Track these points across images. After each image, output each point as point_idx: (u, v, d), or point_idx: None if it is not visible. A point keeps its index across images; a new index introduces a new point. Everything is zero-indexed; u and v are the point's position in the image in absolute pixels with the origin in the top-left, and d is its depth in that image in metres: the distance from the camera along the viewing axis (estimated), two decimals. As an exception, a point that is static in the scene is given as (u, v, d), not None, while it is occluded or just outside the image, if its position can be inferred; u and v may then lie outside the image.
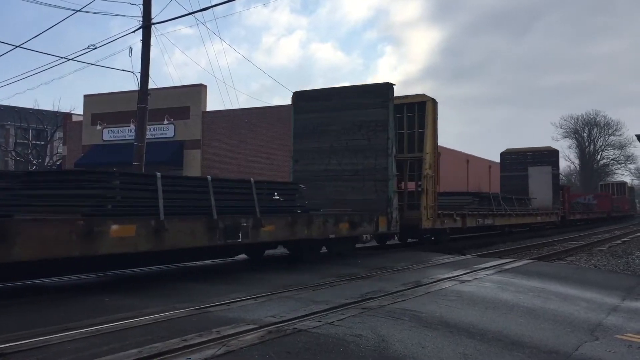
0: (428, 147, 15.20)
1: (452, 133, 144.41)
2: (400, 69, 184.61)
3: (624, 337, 5.96)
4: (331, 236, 11.26)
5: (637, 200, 79.96)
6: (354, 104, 13.81)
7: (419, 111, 15.57)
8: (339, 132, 13.88)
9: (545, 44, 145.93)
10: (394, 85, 13.49)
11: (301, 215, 10.59)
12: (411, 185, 15.78)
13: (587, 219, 41.02)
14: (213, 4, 17.11)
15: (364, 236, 13.46)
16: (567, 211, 32.33)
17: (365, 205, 12.95)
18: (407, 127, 15.76)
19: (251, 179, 9.82)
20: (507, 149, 31.01)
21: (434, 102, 15.54)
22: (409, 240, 17.17)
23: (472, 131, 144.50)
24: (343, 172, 13.73)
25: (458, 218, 17.18)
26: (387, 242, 16.54)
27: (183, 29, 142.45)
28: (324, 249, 12.37)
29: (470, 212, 18.20)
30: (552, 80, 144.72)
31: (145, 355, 4.44)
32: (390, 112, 13.33)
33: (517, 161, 30.09)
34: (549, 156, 29.62)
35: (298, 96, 14.85)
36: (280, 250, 12.27)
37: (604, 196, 51.34)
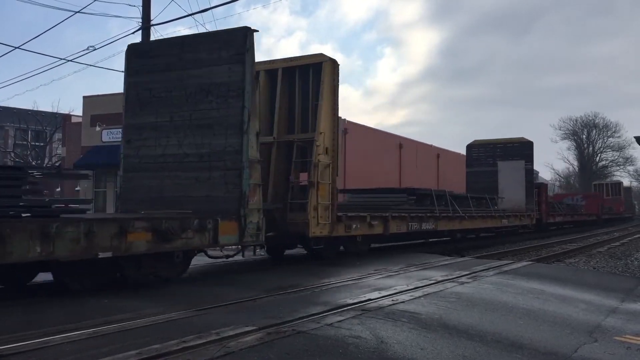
0: (322, 124, 11.46)
1: (451, 134, 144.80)
2: (400, 70, 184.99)
3: (623, 339, 5.97)
4: (103, 255, 7.17)
5: (635, 202, 79.97)
6: (201, 59, 9.94)
7: (315, 77, 11.99)
8: (181, 100, 10.00)
9: (544, 45, 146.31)
10: (256, 31, 9.87)
11: (25, 222, 6.58)
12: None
13: (571, 221, 36.61)
14: (212, 5, 17.09)
15: (220, 248, 9.53)
16: (544, 213, 28.06)
17: (211, 205, 9.34)
18: (300, 98, 12.34)
19: None
20: (475, 141, 26.79)
21: (333, 65, 11.83)
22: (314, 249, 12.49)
23: (472, 132, 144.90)
24: (185, 157, 9.84)
25: (376, 222, 13.11)
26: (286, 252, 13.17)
27: (183, 30, 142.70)
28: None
29: (396, 215, 14.08)
30: (552, 81, 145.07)
31: (144, 356, 4.45)
32: (248, 70, 9.41)
33: (486, 155, 25.81)
34: (521, 149, 25.12)
35: (132, 51, 10.69)
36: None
37: (594, 196, 47.34)
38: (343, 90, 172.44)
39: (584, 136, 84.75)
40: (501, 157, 25.21)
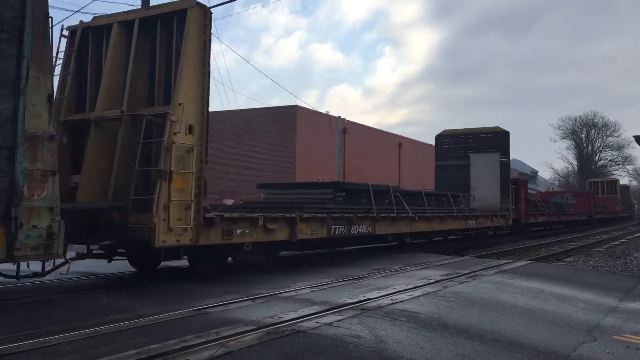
0: (183, 92, 8.53)
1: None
2: (400, 70, 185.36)
3: (622, 338, 5.98)
4: None
5: (635, 202, 79.96)
6: None
7: (180, 30, 8.97)
8: None
9: (544, 45, 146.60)
10: None
11: None
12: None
13: (557, 222, 33.41)
14: (211, 4, 17.02)
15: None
16: (523, 212, 24.75)
17: None
18: (162, 58, 9.31)
19: None
20: (445, 130, 23.57)
21: (202, 12, 8.97)
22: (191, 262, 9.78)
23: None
24: None
25: (276, 226, 9.88)
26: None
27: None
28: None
29: (308, 215, 10.66)
30: (551, 81, 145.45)
31: (143, 356, 4.45)
32: (30, 1, 6.64)
33: (457, 146, 22.66)
34: (496, 139, 21.96)
35: None
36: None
37: (585, 195, 43.77)
38: (342, 89, 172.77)
39: (583, 135, 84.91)
40: (474, 149, 22.22)
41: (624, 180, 75.26)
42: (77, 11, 22.90)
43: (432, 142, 23.90)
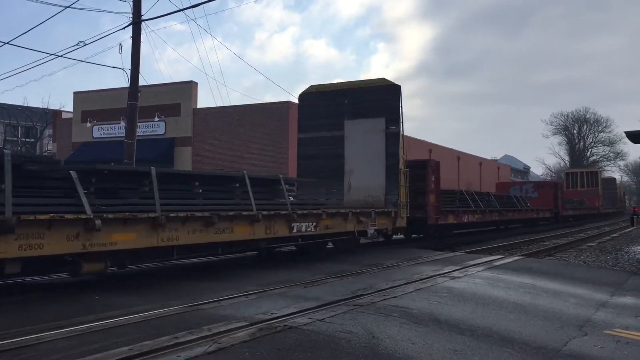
0: None
1: (444, 130, 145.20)
2: (393, 66, 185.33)
3: (613, 333, 6.02)
4: None
5: (627, 197, 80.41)
6: None
7: None
8: None
9: (538, 42, 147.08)
10: None
11: None
12: None
13: (499, 221, 24.10)
14: (204, 0, 16.94)
15: None
16: (432, 208, 16.49)
17: None
18: None
19: None
20: (312, 86, 15.49)
21: None
22: None
23: (465, 128, 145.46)
24: None
25: None
26: None
27: (175, 25, 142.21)
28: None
29: None
30: (544, 77, 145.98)
31: (135, 352, 4.44)
32: None
33: (328, 110, 14.85)
34: (381, 98, 14.13)
35: None
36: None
37: (549, 186, 35.34)
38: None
39: (575, 131, 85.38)
40: (350, 114, 14.61)
41: (615, 176, 75.53)
42: (68, 7, 22.70)
43: (426, 138, 23.43)
